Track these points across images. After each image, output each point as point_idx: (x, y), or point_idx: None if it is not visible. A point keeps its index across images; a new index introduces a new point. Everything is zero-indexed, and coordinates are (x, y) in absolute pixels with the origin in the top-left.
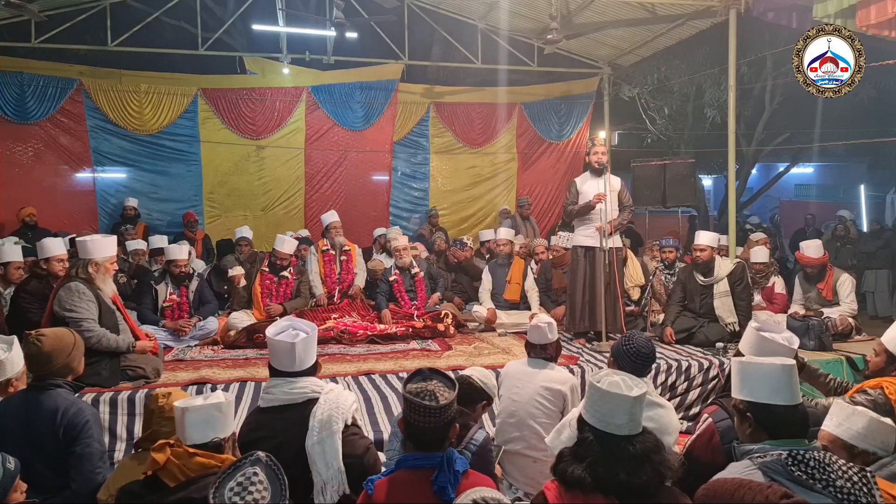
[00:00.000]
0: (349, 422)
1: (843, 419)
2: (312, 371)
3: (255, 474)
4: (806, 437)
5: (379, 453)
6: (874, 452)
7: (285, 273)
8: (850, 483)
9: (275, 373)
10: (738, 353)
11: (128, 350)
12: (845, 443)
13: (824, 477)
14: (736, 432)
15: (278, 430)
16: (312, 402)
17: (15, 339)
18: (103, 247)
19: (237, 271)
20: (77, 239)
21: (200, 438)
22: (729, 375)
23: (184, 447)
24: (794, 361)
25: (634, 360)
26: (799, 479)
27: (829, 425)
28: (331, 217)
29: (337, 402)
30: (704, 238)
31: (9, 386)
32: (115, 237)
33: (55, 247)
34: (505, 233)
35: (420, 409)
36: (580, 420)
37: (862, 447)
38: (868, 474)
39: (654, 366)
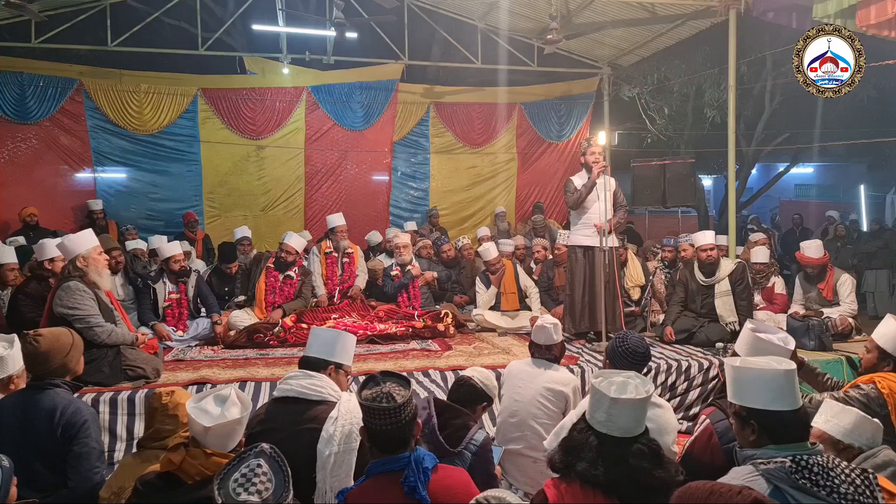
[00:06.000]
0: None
1: (831, 416)
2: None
3: (259, 466)
4: (808, 440)
5: None
6: (859, 448)
7: (290, 273)
8: (853, 487)
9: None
10: (735, 354)
11: (133, 343)
12: (832, 438)
13: (828, 483)
14: (734, 433)
15: (286, 424)
16: (325, 405)
17: (16, 336)
18: (82, 241)
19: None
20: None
21: (221, 450)
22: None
23: (200, 447)
24: (794, 365)
25: (631, 360)
26: (803, 486)
27: (819, 421)
28: (337, 220)
29: (357, 413)
30: (710, 237)
31: (10, 383)
32: (89, 230)
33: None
34: (495, 249)
35: (379, 412)
36: (583, 413)
37: (848, 442)
38: (870, 476)
39: (653, 366)
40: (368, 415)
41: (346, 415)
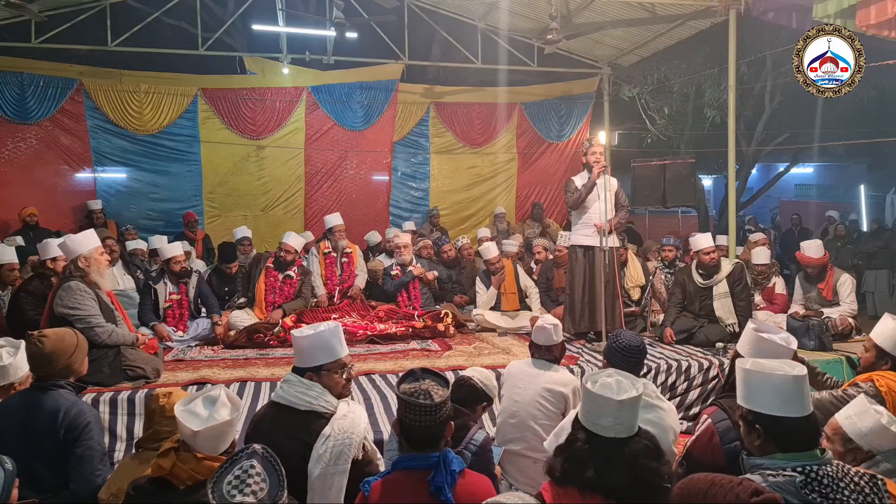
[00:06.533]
0: (359, 456)
1: (853, 413)
2: (306, 373)
3: (252, 467)
4: (817, 447)
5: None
6: (868, 451)
7: (290, 273)
8: (862, 496)
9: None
10: (737, 355)
11: (133, 344)
12: (845, 435)
13: (838, 497)
14: (735, 433)
15: (277, 431)
16: (316, 416)
17: (23, 343)
18: (84, 241)
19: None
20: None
21: (212, 452)
22: (728, 376)
23: (191, 451)
24: (805, 370)
25: (626, 356)
26: (813, 501)
27: (840, 416)
28: (335, 220)
29: (351, 433)
30: (710, 240)
31: (11, 389)
32: (91, 230)
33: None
34: (495, 248)
35: (415, 408)
36: (576, 419)
37: (858, 444)
38: (879, 482)
39: (653, 366)
40: (405, 409)
41: (339, 434)
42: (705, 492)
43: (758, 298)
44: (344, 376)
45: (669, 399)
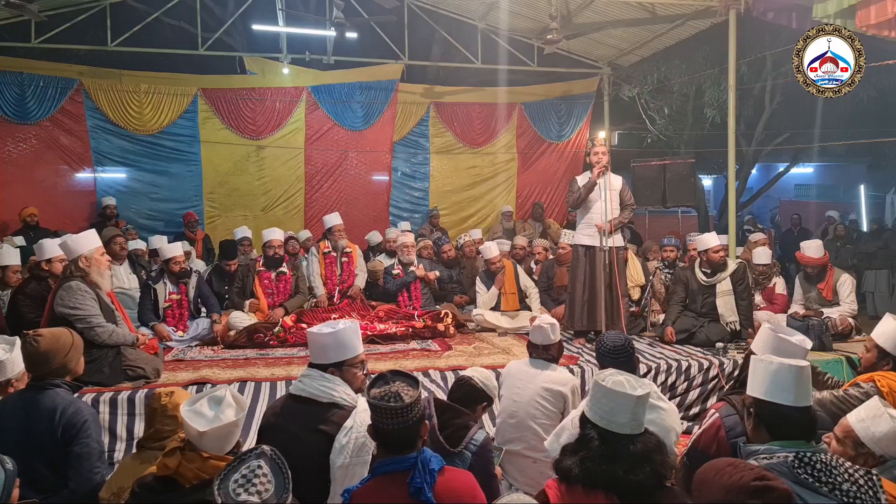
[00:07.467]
0: (375, 451)
1: (866, 416)
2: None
3: (260, 467)
4: (812, 440)
5: None
6: (880, 456)
7: (283, 269)
8: (856, 486)
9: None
10: (751, 353)
11: (134, 344)
12: (857, 439)
13: (830, 480)
14: (742, 428)
15: (296, 423)
16: (337, 408)
17: (17, 340)
18: (86, 241)
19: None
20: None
21: (217, 452)
22: (734, 374)
23: (197, 451)
24: (806, 363)
25: (615, 357)
26: (805, 481)
27: (852, 418)
28: (334, 220)
29: None
30: (716, 239)
31: (8, 386)
32: (93, 230)
33: (56, 247)
34: (496, 248)
35: (386, 411)
36: (583, 418)
37: (871, 449)
38: (874, 477)
39: (653, 366)
40: (376, 414)
41: (362, 426)
42: (721, 469)
43: (758, 298)
44: (363, 371)
45: (669, 399)
